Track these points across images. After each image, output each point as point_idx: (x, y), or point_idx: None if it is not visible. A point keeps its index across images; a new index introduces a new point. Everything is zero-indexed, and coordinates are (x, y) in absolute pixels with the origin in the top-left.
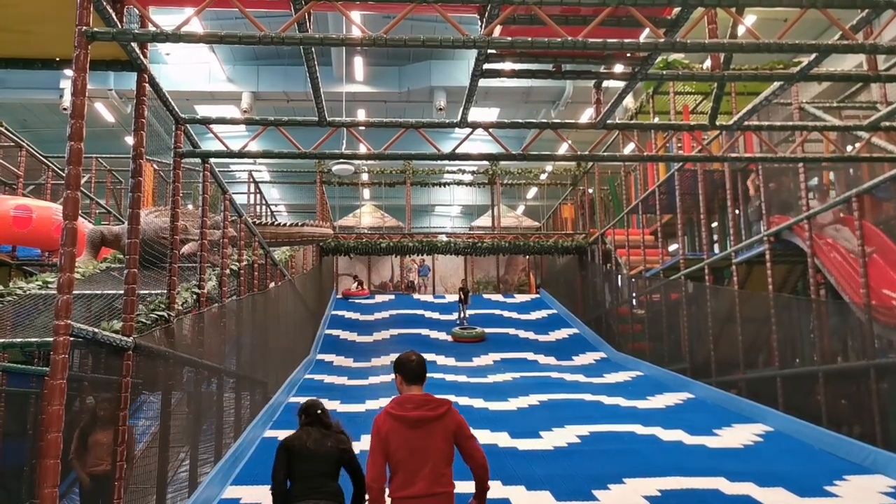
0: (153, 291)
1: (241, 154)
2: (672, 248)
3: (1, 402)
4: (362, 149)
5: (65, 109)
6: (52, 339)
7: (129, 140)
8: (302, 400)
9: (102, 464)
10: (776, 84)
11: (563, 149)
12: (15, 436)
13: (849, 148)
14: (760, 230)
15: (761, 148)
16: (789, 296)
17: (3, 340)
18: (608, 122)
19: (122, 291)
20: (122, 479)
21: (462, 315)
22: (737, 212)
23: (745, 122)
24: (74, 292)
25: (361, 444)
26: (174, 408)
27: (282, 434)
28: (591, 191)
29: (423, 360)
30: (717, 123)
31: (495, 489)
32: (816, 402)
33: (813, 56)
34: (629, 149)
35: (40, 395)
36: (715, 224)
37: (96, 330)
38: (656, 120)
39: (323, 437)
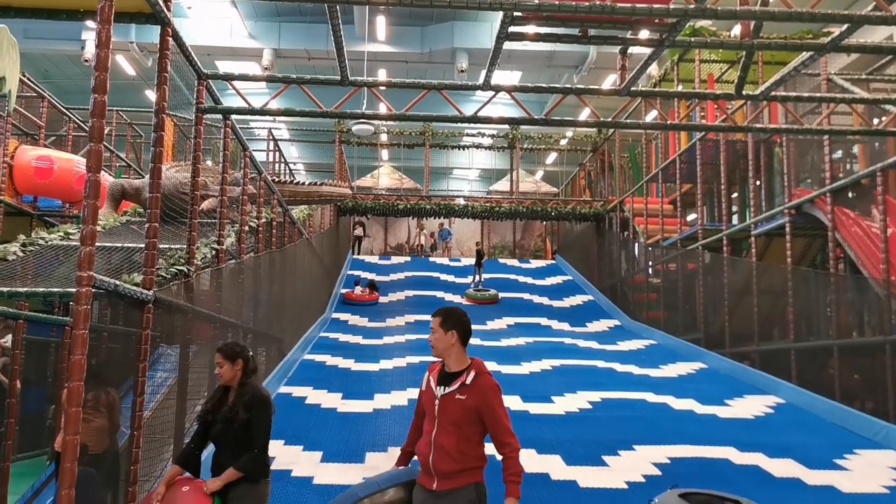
0: (173, 246)
1: (263, 112)
2: (690, 217)
3: (22, 350)
4: (383, 109)
5: (86, 61)
6: (74, 289)
7: (150, 94)
8: (317, 358)
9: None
10: (805, 54)
11: (584, 114)
12: (35, 383)
13: (875, 121)
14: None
15: (786, 118)
16: (807, 269)
17: (25, 289)
18: (632, 89)
19: (142, 245)
20: (141, 430)
21: (478, 278)
22: (758, 183)
23: (772, 93)
24: (96, 244)
25: (375, 403)
26: (191, 361)
27: (296, 391)
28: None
29: None
30: (744, 93)
31: None
32: (830, 375)
33: (845, 27)
34: (651, 116)
35: (60, 343)
36: (735, 195)
37: (118, 282)
38: (680, 88)
39: None
